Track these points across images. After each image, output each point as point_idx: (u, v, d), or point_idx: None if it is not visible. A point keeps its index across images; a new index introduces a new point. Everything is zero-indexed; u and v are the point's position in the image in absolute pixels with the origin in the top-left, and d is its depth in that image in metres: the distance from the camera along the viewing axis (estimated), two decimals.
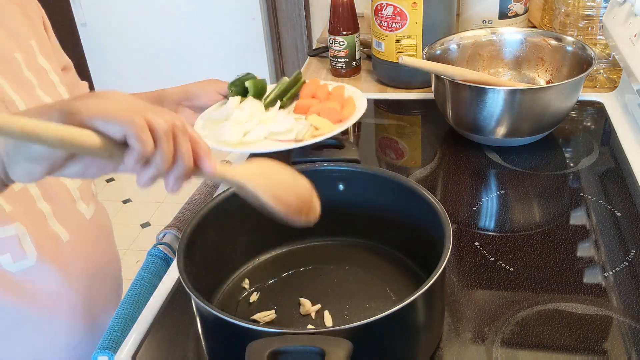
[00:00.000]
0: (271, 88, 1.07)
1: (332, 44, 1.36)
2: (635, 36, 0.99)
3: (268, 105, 1.03)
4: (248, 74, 1.06)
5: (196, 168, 0.53)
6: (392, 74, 1.32)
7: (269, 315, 0.72)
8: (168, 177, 0.50)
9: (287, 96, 1.05)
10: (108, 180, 2.88)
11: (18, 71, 0.81)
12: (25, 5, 0.88)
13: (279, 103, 1.04)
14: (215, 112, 1.00)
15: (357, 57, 1.38)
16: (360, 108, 1.00)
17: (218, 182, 0.57)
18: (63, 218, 0.83)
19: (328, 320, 0.72)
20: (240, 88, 1.04)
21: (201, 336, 0.69)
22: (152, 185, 0.50)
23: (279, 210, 0.60)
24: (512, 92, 0.97)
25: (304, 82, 1.08)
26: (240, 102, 1.02)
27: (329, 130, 0.93)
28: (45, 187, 0.82)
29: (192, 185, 0.82)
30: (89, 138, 0.45)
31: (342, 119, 0.97)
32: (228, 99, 1.05)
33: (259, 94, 1.04)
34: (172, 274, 0.81)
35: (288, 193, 0.61)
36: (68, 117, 0.46)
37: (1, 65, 0.79)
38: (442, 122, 1.12)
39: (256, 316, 0.72)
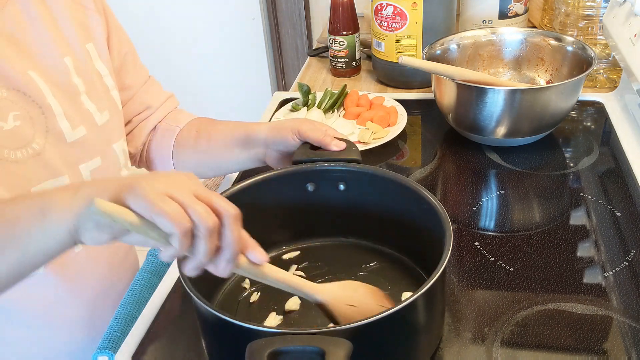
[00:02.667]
0: (318, 97, 1.20)
1: (332, 44, 1.36)
2: (635, 36, 0.99)
3: (325, 112, 1.17)
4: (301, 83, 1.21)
5: (245, 261, 0.57)
6: (392, 74, 1.32)
7: (280, 318, 0.72)
8: (216, 264, 0.55)
9: (338, 104, 1.19)
10: None
11: (65, 76, 0.80)
12: (87, 6, 0.86)
13: (337, 111, 1.18)
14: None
15: (357, 57, 1.38)
16: (402, 114, 1.13)
17: (283, 288, 0.62)
18: None
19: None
20: (304, 98, 1.19)
21: (201, 336, 0.69)
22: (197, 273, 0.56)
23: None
24: (512, 92, 0.97)
25: (348, 92, 1.20)
26: (308, 110, 1.16)
27: (385, 133, 1.08)
28: None
29: None
30: (147, 228, 0.52)
31: (391, 125, 1.11)
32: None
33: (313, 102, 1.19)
34: (172, 274, 0.81)
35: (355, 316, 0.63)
36: (119, 198, 0.52)
37: (47, 70, 0.77)
38: (442, 122, 1.12)
39: (267, 322, 0.72)
